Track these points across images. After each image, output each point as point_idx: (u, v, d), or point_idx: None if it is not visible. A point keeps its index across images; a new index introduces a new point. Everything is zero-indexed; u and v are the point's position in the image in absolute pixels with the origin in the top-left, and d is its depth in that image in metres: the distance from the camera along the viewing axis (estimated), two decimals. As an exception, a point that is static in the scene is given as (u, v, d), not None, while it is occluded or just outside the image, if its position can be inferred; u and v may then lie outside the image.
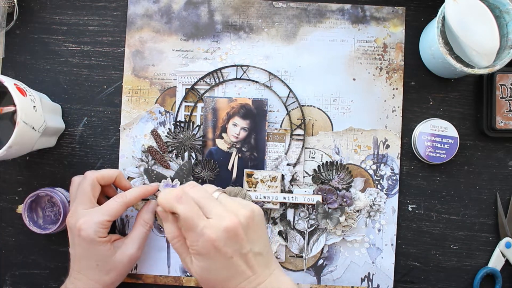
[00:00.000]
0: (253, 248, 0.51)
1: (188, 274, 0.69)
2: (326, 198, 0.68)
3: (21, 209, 0.67)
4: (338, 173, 0.69)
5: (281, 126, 0.70)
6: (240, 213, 0.51)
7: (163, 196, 0.53)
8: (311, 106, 0.70)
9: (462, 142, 0.69)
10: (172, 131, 0.70)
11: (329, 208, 0.68)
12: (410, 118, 0.70)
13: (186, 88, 0.70)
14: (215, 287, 0.51)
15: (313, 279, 0.69)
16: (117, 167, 0.70)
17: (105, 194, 0.67)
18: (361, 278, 0.69)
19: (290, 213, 0.69)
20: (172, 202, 0.52)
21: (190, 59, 0.70)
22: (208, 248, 0.49)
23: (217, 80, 0.70)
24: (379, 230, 0.69)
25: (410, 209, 0.70)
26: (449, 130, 0.68)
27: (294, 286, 0.52)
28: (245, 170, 0.69)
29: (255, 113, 0.69)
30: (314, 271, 0.69)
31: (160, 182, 0.68)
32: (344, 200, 0.68)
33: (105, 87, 0.71)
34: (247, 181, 0.68)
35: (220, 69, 0.70)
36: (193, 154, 0.69)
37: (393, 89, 0.70)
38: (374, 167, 0.69)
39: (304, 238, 0.69)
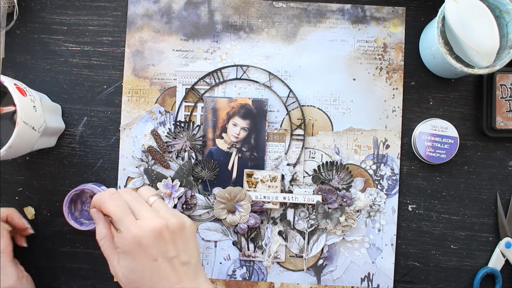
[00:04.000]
0: (180, 256, 0.51)
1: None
2: (326, 198, 0.68)
3: (29, 211, 0.68)
4: (338, 173, 0.69)
5: (281, 126, 0.70)
6: (170, 219, 0.51)
7: (96, 196, 0.54)
8: (311, 106, 0.70)
9: (462, 142, 0.69)
10: (172, 131, 0.70)
11: (329, 208, 0.68)
12: (410, 118, 0.70)
13: (186, 88, 0.70)
14: None
15: (313, 279, 0.69)
16: (117, 167, 0.70)
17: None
18: (361, 278, 0.69)
19: (290, 213, 0.69)
20: (104, 198, 0.53)
21: (190, 59, 0.70)
22: (133, 245, 0.49)
23: (217, 80, 0.70)
24: (379, 230, 0.69)
25: (410, 209, 0.70)
26: (449, 130, 0.68)
27: None
28: (245, 170, 0.69)
29: (255, 113, 0.69)
30: (314, 271, 0.69)
31: (160, 181, 0.68)
32: (344, 200, 0.68)
33: (105, 87, 0.71)
34: (247, 181, 0.68)
35: (220, 69, 0.70)
36: (193, 154, 0.69)
37: (393, 89, 0.70)
38: (374, 167, 0.69)
39: (304, 238, 0.69)
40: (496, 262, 0.69)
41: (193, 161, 0.69)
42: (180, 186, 0.68)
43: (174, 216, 0.52)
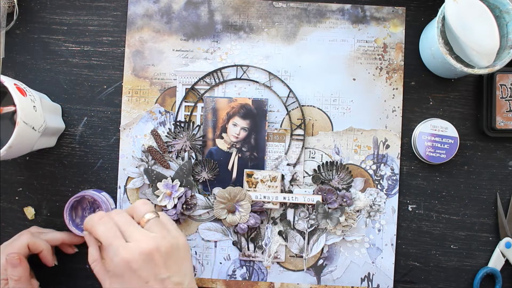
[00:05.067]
0: (172, 277, 0.50)
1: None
2: (326, 198, 0.68)
3: (29, 211, 0.68)
4: (338, 173, 0.69)
5: (281, 126, 0.70)
6: (161, 241, 0.51)
7: (87, 219, 0.54)
8: (311, 106, 0.70)
9: (462, 142, 0.69)
10: (172, 131, 0.70)
11: (329, 208, 0.68)
12: (410, 118, 0.70)
13: (186, 88, 0.70)
14: None
15: (313, 279, 0.69)
16: (117, 167, 0.70)
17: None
18: (361, 278, 0.69)
19: (290, 213, 0.69)
20: (93, 223, 0.53)
21: (190, 59, 0.70)
22: (123, 269, 0.49)
23: (217, 80, 0.70)
24: (379, 230, 0.69)
25: (410, 209, 0.70)
26: (449, 130, 0.68)
27: None
28: (245, 170, 0.69)
29: (255, 113, 0.69)
30: (314, 271, 0.69)
31: (160, 181, 0.68)
32: (344, 200, 0.68)
33: (105, 87, 0.71)
34: (247, 181, 0.68)
35: (220, 69, 0.70)
36: (193, 154, 0.69)
37: (393, 89, 0.70)
38: (374, 167, 0.69)
39: (304, 238, 0.69)
40: (496, 262, 0.69)
41: (193, 161, 0.69)
42: (180, 186, 0.68)
43: (166, 237, 0.51)
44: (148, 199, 0.68)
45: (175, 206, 0.68)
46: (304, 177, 0.69)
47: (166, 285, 0.50)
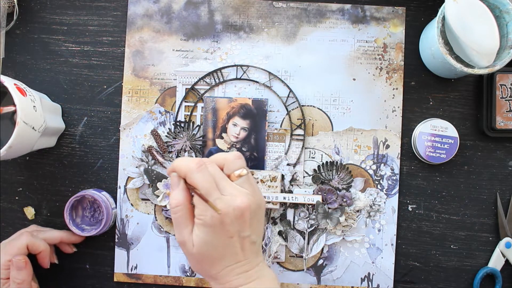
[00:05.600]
0: (252, 235, 0.52)
1: (188, 274, 0.69)
2: (326, 198, 0.68)
3: (29, 211, 0.68)
4: (338, 173, 0.69)
5: (281, 126, 0.70)
6: (252, 199, 0.51)
7: (182, 162, 0.52)
8: (311, 106, 0.70)
9: (462, 142, 0.69)
10: (172, 131, 0.70)
11: (329, 208, 0.68)
12: (410, 118, 0.70)
13: (186, 88, 0.70)
14: (206, 265, 0.52)
15: (313, 279, 0.69)
16: (117, 167, 0.70)
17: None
18: (361, 278, 0.69)
19: (290, 213, 0.69)
20: (192, 169, 0.51)
21: (190, 59, 0.70)
22: (216, 220, 0.50)
23: (217, 80, 0.70)
24: (379, 230, 0.69)
25: (410, 209, 0.70)
26: (449, 130, 0.68)
27: (275, 278, 0.54)
28: (245, 170, 0.69)
29: (255, 113, 0.69)
30: (314, 271, 0.69)
31: (160, 181, 0.68)
32: (344, 200, 0.68)
33: (105, 87, 0.71)
34: (247, 181, 0.68)
35: (220, 69, 0.70)
36: (193, 154, 0.69)
37: (393, 89, 0.70)
38: (374, 167, 0.69)
39: (304, 238, 0.69)
40: (496, 262, 0.69)
41: (193, 161, 0.69)
42: (180, 186, 0.68)
43: (256, 195, 0.52)
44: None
45: (175, 206, 0.68)
46: (304, 177, 0.69)
47: (245, 242, 0.51)
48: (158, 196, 0.68)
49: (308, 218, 0.69)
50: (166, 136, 0.70)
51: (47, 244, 0.65)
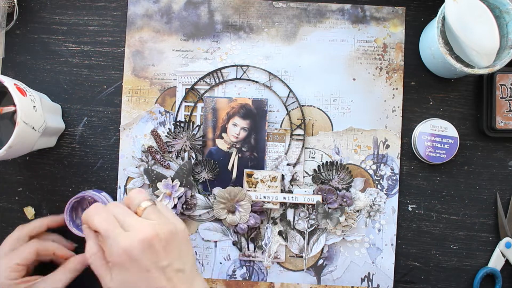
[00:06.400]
0: (174, 264, 0.50)
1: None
2: (326, 198, 0.68)
3: (29, 211, 0.68)
4: (338, 173, 0.69)
5: (281, 126, 0.70)
6: (160, 228, 0.50)
7: (85, 212, 0.54)
8: (311, 106, 0.70)
9: (462, 142, 0.69)
10: (172, 131, 0.70)
11: (329, 208, 0.68)
12: (410, 118, 0.70)
13: (186, 88, 0.70)
14: None
15: (313, 279, 0.69)
16: (117, 167, 0.70)
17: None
18: (361, 278, 0.69)
19: (290, 213, 0.69)
20: (90, 214, 0.52)
21: (190, 59, 0.70)
22: (124, 258, 0.49)
23: (217, 80, 0.70)
24: (379, 230, 0.69)
25: (410, 209, 0.70)
26: (449, 130, 0.68)
27: None
28: (245, 170, 0.69)
29: (255, 113, 0.69)
30: (314, 271, 0.69)
31: (160, 182, 0.68)
32: (344, 200, 0.68)
33: (105, 87, 0.71)
34: (247, 181, 0.68)
35: (220, 69, 0.70)
36: (193, 154, 0.69)
37: (393, 89, 0.70)
38: (374, 167, 0.69)
39: (304, 238, 0.69)
40: (496, 262, 0.69)
41: (193, 161, 0.69)
42: (180, 186, 0.68)
43: (165, 223, 0.51)
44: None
45: (175, 206, 0.68)
46: (304, 177, 0.69)
47: (167, 273, 0.49)
48: (158, 196, 0.68)
49: (308, 218, 0.69)
50: (166, 136, 0.70)
51: (54, 243, 0.65)
